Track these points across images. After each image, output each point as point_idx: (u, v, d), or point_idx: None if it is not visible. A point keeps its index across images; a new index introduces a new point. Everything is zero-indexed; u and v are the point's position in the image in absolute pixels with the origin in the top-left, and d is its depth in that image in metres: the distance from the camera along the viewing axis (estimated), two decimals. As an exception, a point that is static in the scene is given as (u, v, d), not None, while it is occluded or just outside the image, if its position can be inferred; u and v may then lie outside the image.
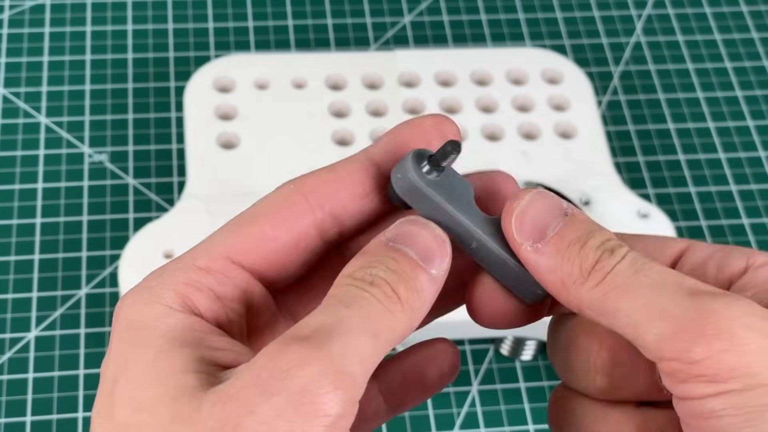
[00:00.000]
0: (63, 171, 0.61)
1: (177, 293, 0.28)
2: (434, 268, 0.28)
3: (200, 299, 0.28)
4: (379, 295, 0.27)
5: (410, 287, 0.28)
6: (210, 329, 0.28)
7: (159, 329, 0.27)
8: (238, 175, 0.56)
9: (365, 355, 0.26)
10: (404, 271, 0.28)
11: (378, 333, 0.27)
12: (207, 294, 0.28)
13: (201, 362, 0.26)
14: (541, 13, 0.71)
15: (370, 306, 0.27)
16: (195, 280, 0.28)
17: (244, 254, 0.29)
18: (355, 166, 0.31)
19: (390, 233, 0.28)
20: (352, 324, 0.26)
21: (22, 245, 0.58)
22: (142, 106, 0.64)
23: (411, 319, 0.28)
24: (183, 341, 0.27)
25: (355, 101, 0.59)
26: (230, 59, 0.61)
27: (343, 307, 0.27)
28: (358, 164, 0.31)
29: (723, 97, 0.68)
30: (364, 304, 0.27)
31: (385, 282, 0.27)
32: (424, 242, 0.28)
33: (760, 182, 0.64)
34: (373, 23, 0.70)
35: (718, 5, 0.73)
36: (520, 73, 0.61)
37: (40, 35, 0.67)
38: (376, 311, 0.27)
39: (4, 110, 0.64)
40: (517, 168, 0.57)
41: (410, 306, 0.28)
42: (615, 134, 0.66)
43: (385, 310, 0.27)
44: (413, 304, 0.28)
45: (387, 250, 0.28)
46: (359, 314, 0.27)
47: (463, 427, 0.54)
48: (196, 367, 0.26)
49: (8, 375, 0.54)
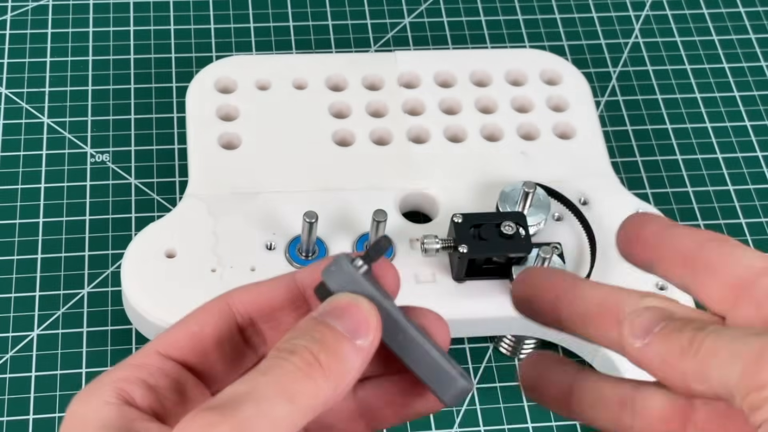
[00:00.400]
0: (65, 171, 0.62)
1: (113, 387, 0.31)
2: (360, 339, 0.29)
3: (134, 390, 0.31)
4: (297, 361, 0.28)
5: (332, 354, 0.29)
6: (141, 416, 0.30)
7: (92, 420, 0.30)
8: (240, 175, 0.56)
9: (278, 418, 0.27)
10: (326, 340, 0.29)
11: (294, 397, 0.28)
12: (140, 385, 0.31)
13: None
14: (539, 15, 0.72)
15: (286, 372, 0.28)
16: (129, 375, 0.31)
17: (173, 348, 0.32)
18: (278, 280, 0.33)
19: (319, 310, 0.30)
20: (266, 390, 0.28)
21: (24, 245, 0.59)
22: (144, 106, 0.65)
23: (336, 386, 0.29)
24: (112, 428, 0.29)
25: (355, 102, 0.60)
26: (232, 60, 0.62)
27: (260, 374, 0.28)
28: (282, 280, 0.33)
29: (721, 97, 0.69)
30: (281, 371, 0.28)
31: (306, 349, 0.29)
32: (351, 315, 0.30)
33: (757, 182, 0.65)
34: (374, 24, 0.70)
35: (715, 6, 0.73)
36: (519, 74, 0.62)
37: (42, 36, 0.68)
38: (293, 377, 0.28)
39: (7, 111, 0.64)
40: (516, 168, 0.58)
41: (333, 373, 0.29)
42: (613, 134, 0.66)
43: (304, 376, 0.28)
44: (336, 371, 0.29)
45: (314, 324, 0.30)
46: (274, 380, 0.28)
47: (462, 425, 0.54)
48: None
49: (11, 374, 0.54)
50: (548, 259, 0.51)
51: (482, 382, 0.56)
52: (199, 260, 0.53)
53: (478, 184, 0.57)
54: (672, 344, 0.31)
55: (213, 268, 0.52)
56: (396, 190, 0.56)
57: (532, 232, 0.54)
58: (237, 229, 0.54)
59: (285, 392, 0.28)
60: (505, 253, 0.52)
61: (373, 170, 0.57)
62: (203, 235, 0.53)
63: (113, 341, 0.55)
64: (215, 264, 0.52)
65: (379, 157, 0.58)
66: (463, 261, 0.52)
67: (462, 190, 0.56)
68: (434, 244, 0.52)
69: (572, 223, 0.55)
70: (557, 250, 0.54)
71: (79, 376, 0.54)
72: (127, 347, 0.55)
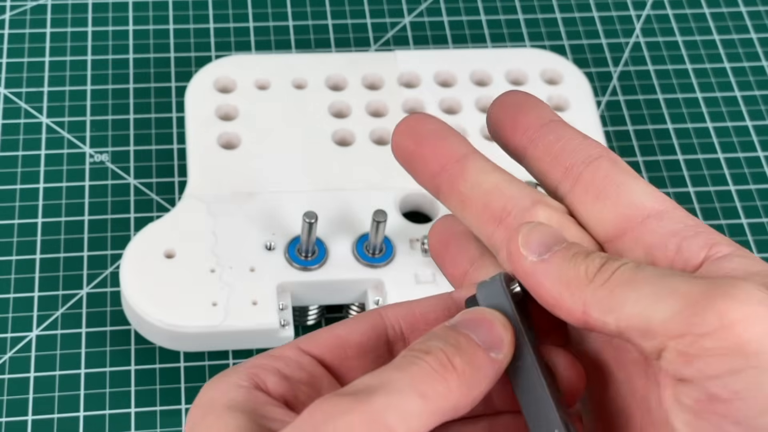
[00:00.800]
0: (64, 171, 0.61)
1: (246, 373, 0.31)
2: (494, 351, 0.29)
3: (268, 377, 0.31)
4: (432, 361, 0.28)
5: (467, 360, 0.28)
6: (271, 402, 0.30)
7: (220, 399, 0.30)
8: (239, 175, 0.56)
9: (409, 413, 0.27)
10: (461, 345, 0.29)
11: (426, 395, 0.27)
12: (274, 373, 0.31)
13: (254, 426, 0.29)
14: (540, 14, 0.72)
15: (420, 370, 0.28)
16: (265, 363, 0.31)
17: (314, 345, 0.32)
18: (435, 297, 0.33)
19: (455, 319, 0.30)
20: (399, 384, 0.27)
21: (23, 245, 0.58)
22: (143, 106, 0.65)
23: (468, 391, 0.28)
24: (239, 409, 0.29)
25: (355, 102, 0.60)
26: (231, 60, 0.61)
27: (393, 369, 0.28)
28: (440, 297, 0.33)
29: (722, 97, 0.68)
30: (415, 368, 0.28)
31: (441, 351, 0.28)
32: (486, 328, 0.29)
33: (758, 182, 0.65)
34: (374, 24, 0.70)
35: (717, 6, 0.73)
36: (520, 74, 0.62)
37: (41, 35, 0.68)
38: (427, 375, 0.28)
39: (5, 110, 0.64)
40: (517, 167, 0.57)
41: (466, 378, 0.28)
42: (614, 134, 0.66)
43: (438, 376, 0.28)
44: (470, 378, 0.28)
45: (449, 330, 0.29)
46: (408, 376, 0.28)
47: (462, 426, 0.54)
48: (248, 429, 0.29)
49: (9, 374, 0.54)
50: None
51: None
52: (199, 260, 0.52)
53: (478, 183, 0.57)
54: (577, 267, 0.29)
55: (212, 268, 0.52)
56: (396, 190, 0.56)
57: (532, 232, 0.53)
58: (236, 229, 0.54)
59: (417, 389, 0.27)
60: (506, 254, 0.52)
61: (373, 170, 0.57)
62: (202, 236, 0.53)
63: (112, 342, 0.55)
64: (214, 264, 0.52)
65: (379, 157, 0.57)
66: (463, 261, 0.52)
67: (462, 190, 0.56)
68: (434, 245, 0.52)
69: (573, 223, 0.55)
70: (558, 250, 0.53)
71: (78, 376, 0.54)
72: (126, 348, 0.55)
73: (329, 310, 0.57)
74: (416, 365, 0.28)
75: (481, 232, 0.32)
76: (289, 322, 0.52)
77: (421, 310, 0.33)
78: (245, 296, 0.51)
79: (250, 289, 0.52)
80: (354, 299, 0.54)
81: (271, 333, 0.51)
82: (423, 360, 0.28)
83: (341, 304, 0.56)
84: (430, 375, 0.28)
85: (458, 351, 0.28)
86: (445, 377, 0.28)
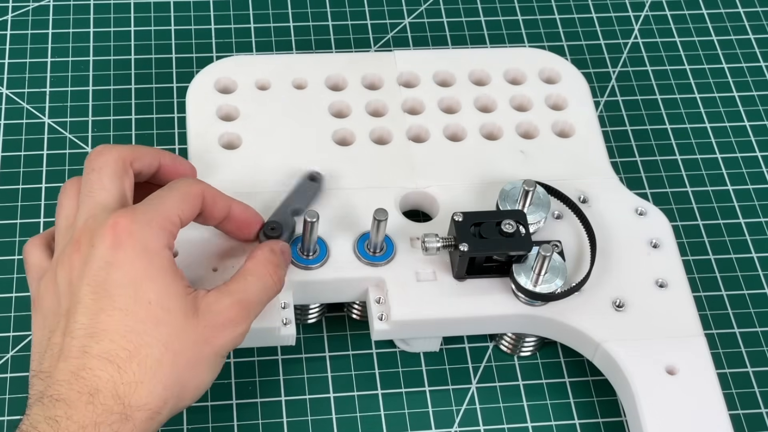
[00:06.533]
0: (66, 171, 0.62)
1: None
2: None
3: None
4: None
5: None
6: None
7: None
8: (240, 175, 0.56)
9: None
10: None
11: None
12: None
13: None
14: (539, 15, 0.72)
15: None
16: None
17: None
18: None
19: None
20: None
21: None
22: (144, 106, 0.65)
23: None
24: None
25: (355, 101, 0.60)
26: (232, 60, 0.62)
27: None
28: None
29: (720, 97, 0.69)
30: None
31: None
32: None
33: (756, 182, 0.65)
34: (374, 24, 0.70)
35: (715, 7, 0.73)
36: (518, 73, 0.62)
37: (43, 36, 0.68)
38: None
39: (8, 111, 0.64)
40: (516, 167, 0.58)
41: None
42: (612, 135, 0.66)
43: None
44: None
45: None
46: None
47: (462, 424, 0.54)
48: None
49: (11, 373, 0.54)
50: (548, 257, 0.51)
51: (482, 381, 0.56)
52: (201, 260, 0.53)
53: (478, 182, 0.57)
54: None
55: (214, 267, 0.52)
56: (396, 189, 0.56)
57: (532, 231, 0.54)
58: (237, 228, 0.54)
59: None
60: (506, 252, 0.52)
61: (373, 169, 0.57)
62: (204, 235, 0.53)
63: (114, 340, 0.55)
64: (216, 263, 0.52)
65: (379, 157, 0.58)
66: (463, 259, 0.52)
67: (462, 188, 0.57)
68: (435, 243, 0.52)
69: (572, 221, 0.55)
70: (557, 248, 0.54)
71: (79, 375, 0.54)
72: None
73: (330, 309, 0.57)
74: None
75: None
76: (291, 321, 0.52)
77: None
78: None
79: (251, 288, 0.52)
80: (355, 297, 0.54)
81: (272, 331, 0.52)
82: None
83: (342, 302, 0.56)
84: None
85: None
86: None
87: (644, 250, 0.55)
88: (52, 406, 0.43)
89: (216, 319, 0.46)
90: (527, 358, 0.57)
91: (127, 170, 0.49)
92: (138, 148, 0.51)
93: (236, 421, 0.53)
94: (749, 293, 0.60)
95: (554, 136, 0.59)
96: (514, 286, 0.53)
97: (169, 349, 0.45)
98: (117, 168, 0.48)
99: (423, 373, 0.56)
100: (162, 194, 0.48)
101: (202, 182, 0.50)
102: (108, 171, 0.48)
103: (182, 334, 0.45)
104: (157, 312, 0.45)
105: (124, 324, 0.44)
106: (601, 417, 0.55)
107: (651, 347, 0.52)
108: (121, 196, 0.48)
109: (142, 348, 0.44)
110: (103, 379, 0.44)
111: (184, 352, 0.45)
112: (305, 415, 0.54)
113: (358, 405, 0.54)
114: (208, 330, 0.46)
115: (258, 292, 0.48)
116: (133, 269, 0.45)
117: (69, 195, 0.49)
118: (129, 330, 0.44)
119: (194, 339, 0.46)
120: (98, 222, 0.46)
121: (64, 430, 0.43)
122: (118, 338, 0.44)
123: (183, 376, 0.45)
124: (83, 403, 0.43)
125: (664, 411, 0.50)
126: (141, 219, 0.46)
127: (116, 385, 0.44)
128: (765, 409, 0.56)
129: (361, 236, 0.54)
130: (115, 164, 0.48)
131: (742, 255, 0.61)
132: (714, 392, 0.51)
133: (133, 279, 0.45)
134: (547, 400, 0.55)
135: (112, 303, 0.44)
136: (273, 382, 0.55)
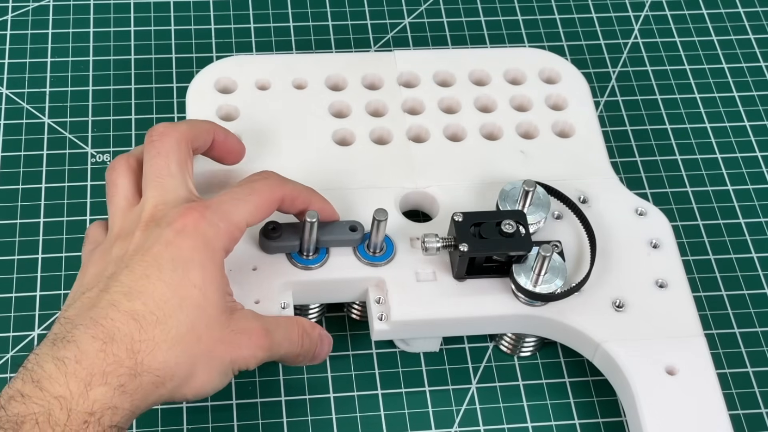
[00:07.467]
0: (66, 171, 0.62)
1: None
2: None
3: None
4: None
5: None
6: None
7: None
8: (240, 175, 0.56)
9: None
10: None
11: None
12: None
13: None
14: (539, 15, 0.72)
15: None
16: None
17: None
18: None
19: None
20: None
21: (25, 244, 0.59)
22: (144, 106, 0.65)
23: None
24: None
25: (355, 101, 0.60)
26: (232, 60, 0.62)
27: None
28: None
29: (720, 97, 0.69)
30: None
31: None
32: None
33: (756, 182, 0.65)
34: (374, 24, 0.70)
35: (715, 7, 0.73)
36: (518, 73, 0.62)
37: (43, 36, 0.68)
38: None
39: (8, 111, 0.64)
40: (516, 167, 0.58)
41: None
42: (612, 135, 0.66)
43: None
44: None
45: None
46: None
47: (462, 424, 0.54)
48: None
49: (12, 373, 0.54)
50: (548, 258, 0.51)
51: (482, 382, 0.56)
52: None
53: (478, 182, 0.57)
54: None
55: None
56: (396, 189, 0.56)
57: (532, 231, 0.54)
58: (237, 228, 0.54)
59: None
60: (506, 252, 0.52)
61: (373, 169, 0.57)
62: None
63: (114, 340, 0.55)
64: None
65: (379, 157, 0.58)
66: (463, 259, 0.52)
67: (462, 188, 0.57)
68: (435, 243, 0.53)
69: (572, 222, 0.55)
70: (557, 249, 0.54)
71: (79, 375, 0.54)
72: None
73: (330, 309, 0.57)
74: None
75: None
76: (290, 321, 0.52)
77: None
78: (248, 295, 0.52)
79: (252, 288, 0.52)
80: (355, 298, 0.54)
81: (272, 331, 0.52)
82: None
83: (342, 303, 0.56)
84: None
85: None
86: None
87: (644, 250, 0.55)
88: (62, 347, 0.43)
89: (243, 332, 0.47)
90: (527, 358, 0.57)
91: (189, 153, 0.51)
92: (196, 124, 0.52)
93: (236, 421, 0.53)
94: (749, 293, 0.60)
95: (554, 136, 0.59)
96: (513, 287, 0.53)
97: (194, 331, 0.45)
98: (182, 153, 0.50)
99: (423, 374, 0.56)
100: (239, 197, 0.49)
101: (285, 185, 0.51)
102: (174, 158, 0.50)
103: (211, 326, 0.46)
104: (198, 297, 0.45)
105: (163, 293, 0.45)
106: (601, 417, 0.55)
107: (651, 347, 0.52)
108: (188, 181, 0.50)
109: (171, 319, 0.45)
110: (122, 331, 0.44)
111: (205, 341, 0.46)
112: (305, 415, 0.54)
113: (358, 405, 0.54)
114: (233, 335, 0.47)
115: (282, 339, 0.49)
116: (190, 254, 0.46)
117: (122, 174, 0.51)
118: (165, 300, 0.45)
119: (219, 336, 0.46)
120: (168, 208, 0.48)
121: (71, 374, 0.42)
122: (151, 303, 0.44)
123: (196, 363, 0.45)
124: (95, 350, 0.43)
125: (664, 411, 0.50)
126: (210, 218, 0.47)
127: (133, 340, 0.44)
128: (765, 409, 0.56)
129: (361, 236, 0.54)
130: (179, 149, 0.50)
131: (742, 255, 0.61)
132: (714, 392, 0.51)
133: (187, 262, 0.46)
134: (547, 400, 0.55)
135: (160, 274, 0.45)
136: (273, 382, 0.55)
